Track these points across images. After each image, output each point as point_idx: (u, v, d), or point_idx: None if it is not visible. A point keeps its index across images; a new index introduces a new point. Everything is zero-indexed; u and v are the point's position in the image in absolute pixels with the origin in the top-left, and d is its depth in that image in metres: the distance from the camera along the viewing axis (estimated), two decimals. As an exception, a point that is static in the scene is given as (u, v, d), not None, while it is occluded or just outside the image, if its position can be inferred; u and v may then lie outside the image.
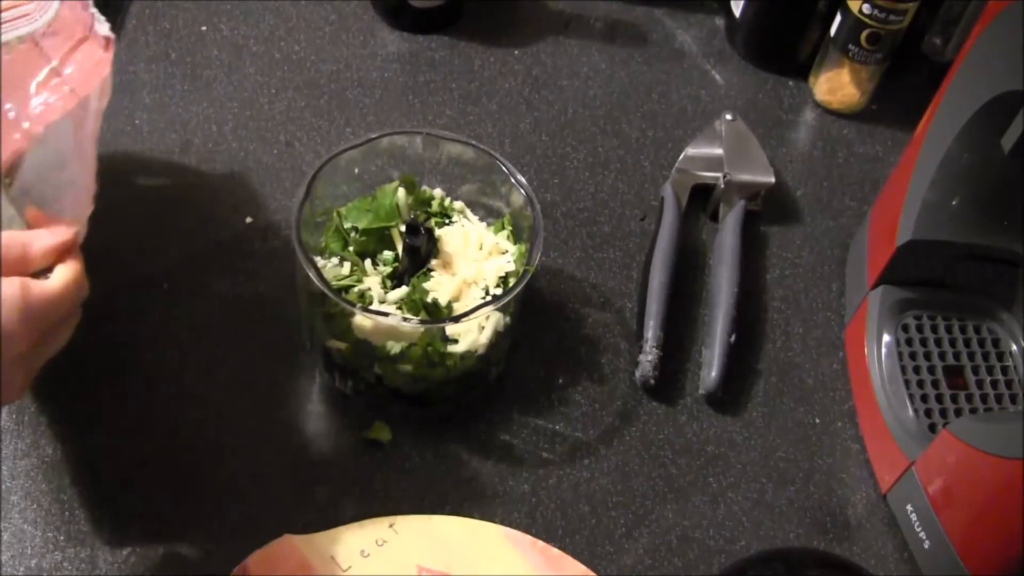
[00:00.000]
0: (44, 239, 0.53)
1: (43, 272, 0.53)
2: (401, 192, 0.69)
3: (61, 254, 0.53)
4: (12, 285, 0.49)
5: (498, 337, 0.66)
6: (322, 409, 0.68)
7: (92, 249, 0.56)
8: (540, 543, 0.63)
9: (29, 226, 0.54)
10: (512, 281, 0.66)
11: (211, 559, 0.61)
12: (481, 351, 0.65)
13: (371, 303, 0.65)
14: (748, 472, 0.69)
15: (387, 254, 0.68)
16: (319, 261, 0.66)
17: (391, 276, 0.67)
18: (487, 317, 0.65)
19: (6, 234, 0.52)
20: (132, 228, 0.74)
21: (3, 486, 0.62)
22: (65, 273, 0.53)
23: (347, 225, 0.68)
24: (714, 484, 0.68)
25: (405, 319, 0.62)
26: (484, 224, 0.71)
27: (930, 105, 0.69)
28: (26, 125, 0.53)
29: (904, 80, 0.90)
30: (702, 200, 0.82)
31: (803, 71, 0.92)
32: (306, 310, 0.67)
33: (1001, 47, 0.61)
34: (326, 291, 0.61)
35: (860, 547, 0.67)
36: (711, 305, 0.75)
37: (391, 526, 0.63)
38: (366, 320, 0.63)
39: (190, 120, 0.82)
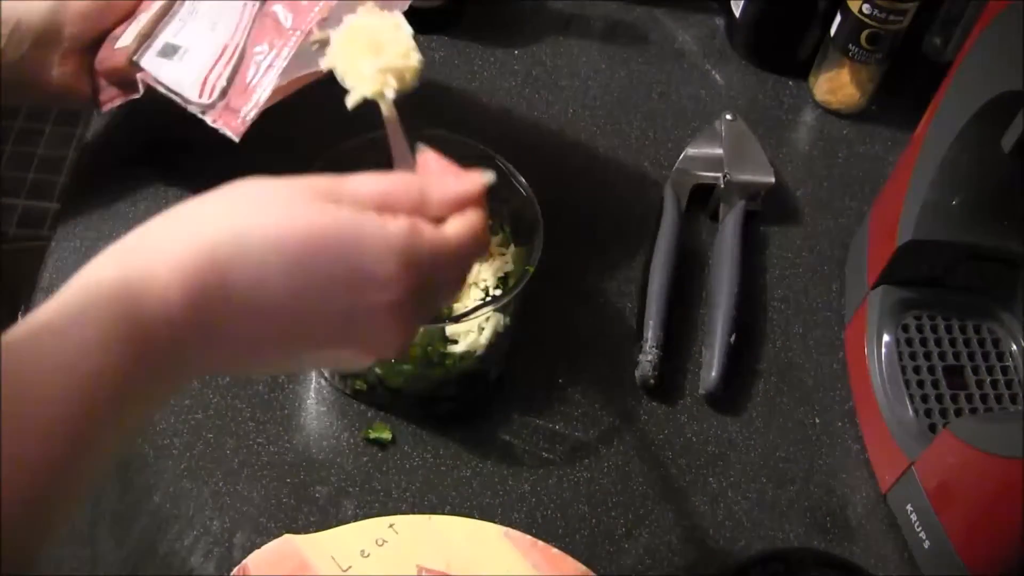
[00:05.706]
0: (448, 186, 0.46)
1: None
2: None
3: (462, 205, 0.46)
4: (399, 225, 0.43)
5: (498, 337, 0.66)
6: (322, 409, 0.68)
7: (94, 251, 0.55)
8: (540, 543, 0.63)
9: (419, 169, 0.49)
10: (512, 281, 0.66)
11: (211, 559, 0.61)
12: (481, 351, 0.65)
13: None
14: (748, 472, 0.69)
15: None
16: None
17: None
18: (487, 317, 0.65)
19: (406, 177, 0.46)
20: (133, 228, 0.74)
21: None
22: (462, 225, 0.46)
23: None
24: (714, 484, 0.68)
25: (405, 319, 0.62)
26: (484, 224, 0.71)
27: (930, 105, 0.69)
28: None
29: (904, 80, 0.90)
30: (702, 200, 0.82)
31: (803, 71, 0.91)
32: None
33: (1001, 47, 0.61)
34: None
35: (860, 547, 0.67)
36: (711, 305, 0.75)
37: (391, 526, 0.63)
38: (366, 320, 0.63)
39: (190, 120, 0.81)
